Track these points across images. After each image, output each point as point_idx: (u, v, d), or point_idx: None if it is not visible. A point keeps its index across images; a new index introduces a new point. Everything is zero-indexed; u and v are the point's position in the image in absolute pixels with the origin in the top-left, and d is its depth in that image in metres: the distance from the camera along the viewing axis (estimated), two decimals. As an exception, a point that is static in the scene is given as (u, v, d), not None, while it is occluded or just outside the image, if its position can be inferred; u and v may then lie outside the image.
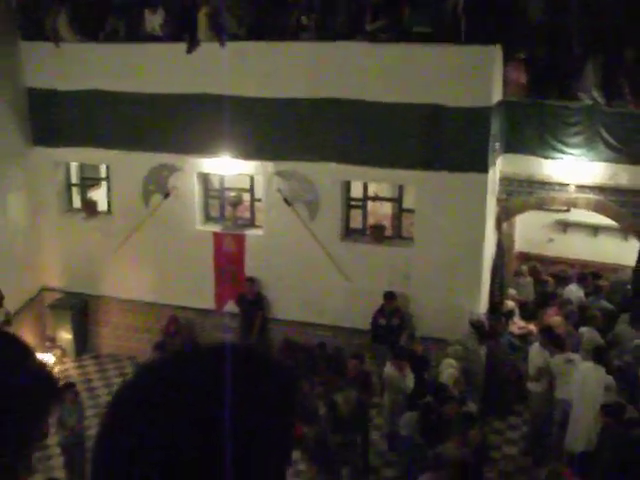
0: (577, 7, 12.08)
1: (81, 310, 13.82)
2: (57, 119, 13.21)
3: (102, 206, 13.93)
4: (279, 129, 12.02)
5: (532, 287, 13.49)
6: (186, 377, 1.27)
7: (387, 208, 13.32)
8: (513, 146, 12.23)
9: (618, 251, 13.59)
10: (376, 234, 12.31)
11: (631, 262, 12.16)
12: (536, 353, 10.29)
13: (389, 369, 10.09)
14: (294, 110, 11.83)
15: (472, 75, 11.03)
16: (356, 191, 12.54)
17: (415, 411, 9.43)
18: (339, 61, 11.57)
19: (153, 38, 12.60)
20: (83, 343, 13.94)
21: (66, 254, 13.78)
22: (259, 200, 12.74)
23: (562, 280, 13.34)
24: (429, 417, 9.13)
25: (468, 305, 11.54)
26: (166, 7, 12.56)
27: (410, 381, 10.04)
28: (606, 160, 11.79)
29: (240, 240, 12.73)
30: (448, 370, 10.06)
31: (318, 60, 11.69)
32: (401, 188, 12.35)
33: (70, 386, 10.17)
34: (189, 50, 12.20)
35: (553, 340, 10.19)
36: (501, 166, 12.25)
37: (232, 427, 1.20)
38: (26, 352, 1.62)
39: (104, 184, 14.02)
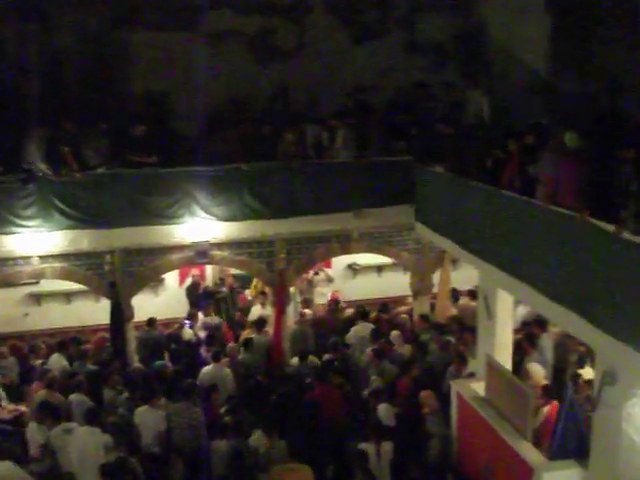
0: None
1: None
2: None
3: None
4: None
5: (16, 367, 12.98)
6: None
7: None
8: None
9: (92, 313, 13.93)
10: None
11: (106, 320, 12.67)
12: (35, 431, 9.89)
13: None
14: None
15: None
16: None
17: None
18: None
19: None
20: None
21: None
22: None
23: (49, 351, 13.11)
24: None
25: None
26: None
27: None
28: (65, 227, 12.23)
29: None
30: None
31: None
32: None
33: None
34: None
35: (49, 413, 10.00)
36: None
37: None
38: None
39: None
